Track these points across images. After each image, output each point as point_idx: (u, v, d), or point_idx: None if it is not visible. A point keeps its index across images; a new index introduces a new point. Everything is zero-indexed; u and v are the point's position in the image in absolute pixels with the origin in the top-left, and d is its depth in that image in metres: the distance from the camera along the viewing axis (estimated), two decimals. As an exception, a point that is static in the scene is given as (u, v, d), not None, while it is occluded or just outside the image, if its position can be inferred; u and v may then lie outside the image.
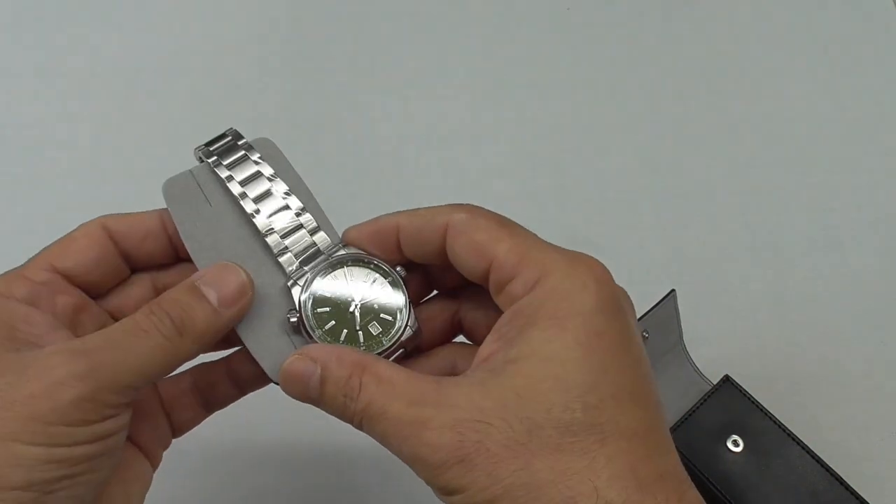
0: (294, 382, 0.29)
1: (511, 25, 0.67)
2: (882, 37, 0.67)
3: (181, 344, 0.28)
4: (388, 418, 0.27)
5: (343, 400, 0.28)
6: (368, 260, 0.32)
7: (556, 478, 0.25)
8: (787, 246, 0.57)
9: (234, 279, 0.30)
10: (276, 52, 0.65)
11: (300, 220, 0.33)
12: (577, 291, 0.27)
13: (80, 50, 0.64)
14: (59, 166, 0.58)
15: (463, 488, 0.25)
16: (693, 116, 0.63)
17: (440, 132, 0.61)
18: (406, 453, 0.27)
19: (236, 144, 0.34)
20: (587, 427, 0.25)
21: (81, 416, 0.26)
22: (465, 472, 0.25)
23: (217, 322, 0.29)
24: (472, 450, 0.25)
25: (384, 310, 0.31)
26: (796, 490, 0.44)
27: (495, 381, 0.27)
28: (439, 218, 0.30)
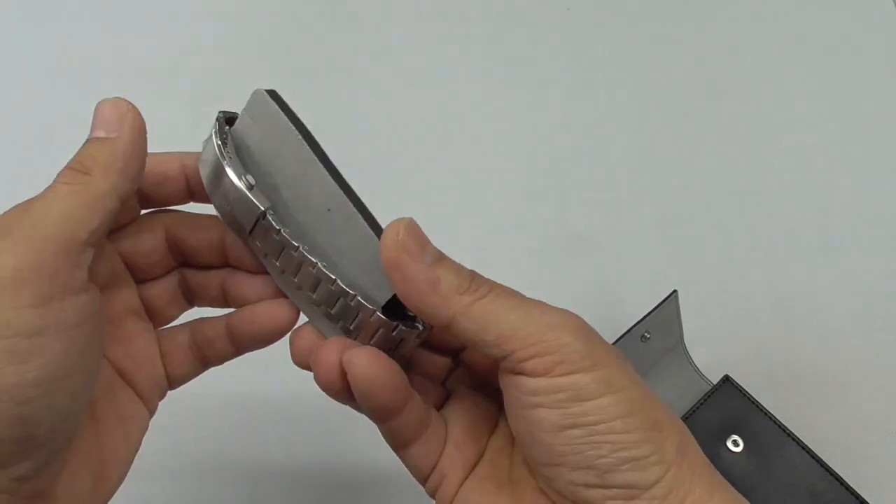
0: (417, 237, 0.28)
1: (511, 25, 0.67)
2: (882, 37, 0.67)
3: (91, 181, 0.28)
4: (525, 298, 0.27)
5: (469, 273, 0.28)
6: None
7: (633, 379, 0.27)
8: (787, 246, 0.57)
9: (107, 108, 0.32)
10: (276, 52, 0.65)
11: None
12: None
13: (81, 50, 0.64)
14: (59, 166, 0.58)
15: (609, 363, 0.26)
16: (693, 116, 0.63)
17: (440, 132, 0.61)
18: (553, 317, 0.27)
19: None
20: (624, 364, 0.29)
21: (34, 291, 0.25)
22: (606, 352, 0.27)
23: (115, 148, 0.30)
24: (595, 339, 0.27)
25: None
26: (796, 490, 0.44)
27: None
28: None
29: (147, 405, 0.32)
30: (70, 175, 0.29)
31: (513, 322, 0.26)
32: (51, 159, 0.59)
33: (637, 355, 0.47)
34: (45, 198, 0.28)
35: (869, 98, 0.64)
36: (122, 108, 0.31)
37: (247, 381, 0.50)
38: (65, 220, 0.27)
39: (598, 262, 0.55)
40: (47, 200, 0.28)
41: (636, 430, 0.25)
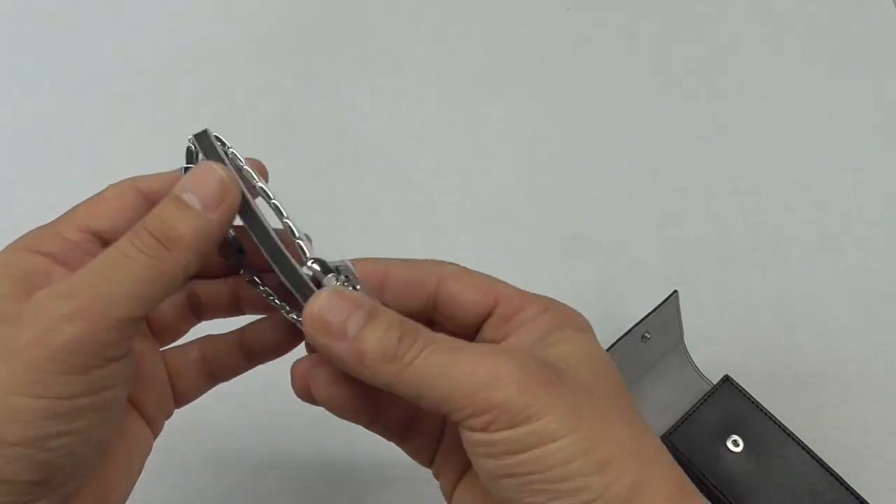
0: (341, 303, 0.27)
1: (511, 25, 0.67)
2: (882, 37, 0.67)
3: (170, 259, 0.27)
4: (458, 348, 0.27)
5: (398, 334, 0.26)
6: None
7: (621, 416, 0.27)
8: (787, 246, 0.57)
9: (212, 179, 0.28)
10: (276, 52, 0.65)
11: None
12: (577, 315, 0.31)
13: (80, 50, 0.64)
14: (59, 166, 0.58)
15: (547, 411, 0.25)
16: (693, 116, 0.63)
17: (440, 132, 0.61)
18: (482, 375, 0.26)
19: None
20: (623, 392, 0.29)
21: (78, 360, 0.25)
22: (550, 395, 0.26)
23: (204, 226, 0.27)
24: (554, 379, 0.27)
25: None
26: (796, 490, 0.44)
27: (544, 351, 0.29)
28: (433, 268, 0.31)
29: (152, 427, 0.32)
30: (150, 243, 0.27)
31: (445, 384, 0.26)
32: (51, 159, 0.59)
33: (637, 355, 0.47)
34: (120, 263, 0.26)
35: (869, 98, 0.64)
36: (226, 184, 0.29)
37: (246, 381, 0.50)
38: (132, 298, 0.26)
39: (598, 262, 0.55)
40: (121, 269, 0.26)
41: (575, 477, 0.25)
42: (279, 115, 0.61)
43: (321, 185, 0.58)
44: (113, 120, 0.60)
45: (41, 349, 0.25)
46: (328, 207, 0.57)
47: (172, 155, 0.61)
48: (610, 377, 0.28)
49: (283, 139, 0.60)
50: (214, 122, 0.64)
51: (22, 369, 0.25)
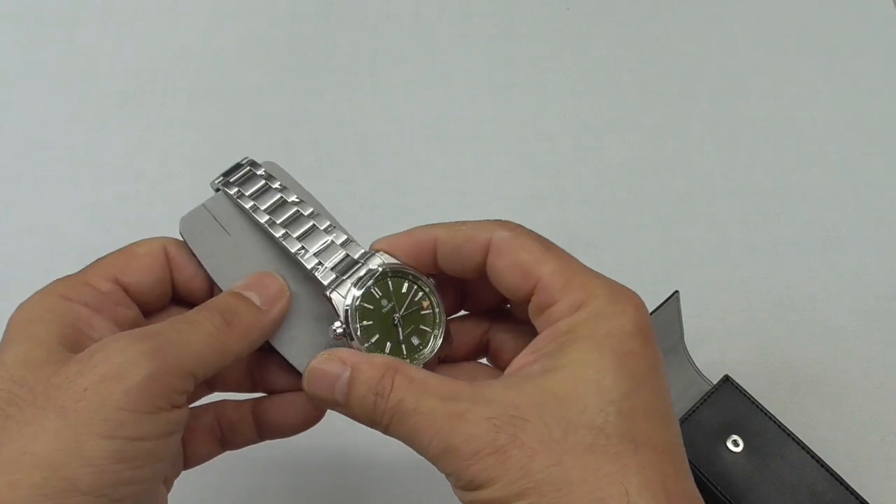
0: (320, 382, 0.29)
1: (511, 25, 0.67)
2: (882, 37, 0.67)
3: (231, 336, 0.29)
4: (421, 412, 0.27)
5: (373, 399, 0.28)
6: (405, 272, 0.32)
7: (587, 477, 0.25)
8: (787, 246, 0.57)
9: (271, 282, 0.32)
10: (276, 52, 0.65)
11: (330, 238, 0.33)
12: (618, 315, 0.28)
13: (81, 50, 0.64)
14: (60, 166, 0.58)
15: (493, 480, 0.26)
16: (693, 116, 0.63)
17: (440, 132, 0.61)
18: (437, 446, 0.27)
19: (255, 174, 0.34)
20: (620, 433, 0.26)
21: (151, 399, 0.26)
22: (499, 463, 0.26)
23: (262, 319, 0.31)
24: (507, 442, 0.26)
25: (423, 321, 0.32)
26: (796, 490, 0.44)
27: (531, 383, 0.27)
28: (481, 234, 0.31)
29: (165, 485, 0.32)
30: (218, 319, 0.30)
31: (415, 448, 0.28)
32: (51, 159, 0.59)
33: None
34: (192, 326, 0.29)
35: (869, 98, 0.64)
36: (283, 290, 0.32)
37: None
38: (197, 355, 0.28)
39: (598, 263, 0.55)
40: (193, 330, 0.29)
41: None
42: (279, 115, 0.61)
43: (321, 185, 0.58)
44: (112, 120, 0.60)
45: (118, 384, 0.26)
46: (328, 207, 0.57)
47: (172, 155, 0.61)
48: (604, 413, 0.26)
49: (283, 139, 0.60)
50: (214, 123, 0.65)
51: (97, 406, 0.25)
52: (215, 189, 0.35)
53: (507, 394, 0.27)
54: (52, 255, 0.54)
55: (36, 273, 0.53)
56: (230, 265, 0.33)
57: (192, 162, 0.58)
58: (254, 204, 0.33)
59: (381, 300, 0.31)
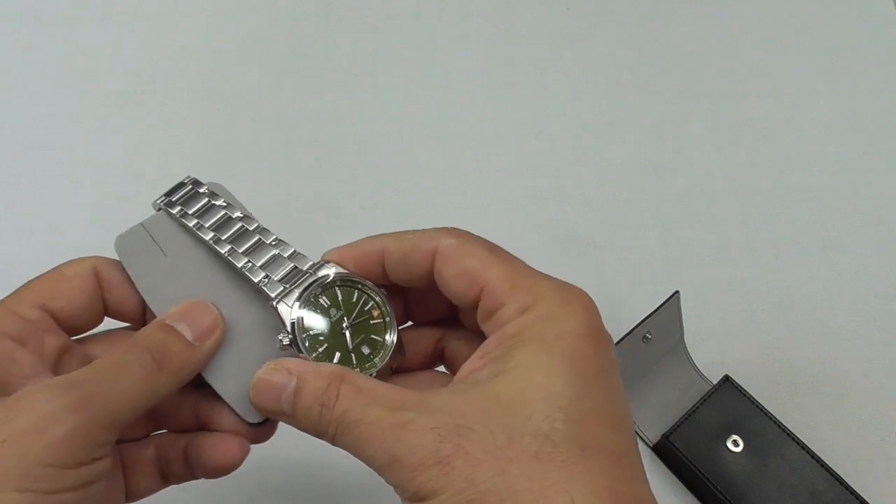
0: (266, 393, 0.29)
1: (511, 25, 0.67)
2: (882, 37, 0.67)
3: (160, 378, 0.28)
4: (366, 423, 0.27)
5: (319, 410, 0.28)
6: (355, 281, 0.32)
7: (532, 486, 0.25)
8: (787, 246, 0.57)
9: (204, 313, 0.31)
10: (276, 52, 0.64)
11: (277, 251, 0.32)
12: (566, 317, 0.28)
13: (81, 50, 0.64)
14: (60, 166, 0.58)
15: (438, 492, 0.25)
16: (693, 116, 0.63)
17: (440, 132, 0.61)
18: (381, 457, 0.26)
19: (198, 192, 0.34)
20: (568, 439, 0.25)
21: (72, 454, 0.25)
22: (443, 474, 0.25)
23: (193, 356, 0.30)
24: (451, 452, 0.25)
25: (373, 331, 0.31)
26: (796, 490, 0.44)
27: (478, 390, 0.27)
28: (427, 243, 0.31)
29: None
30: (148, 360, 0.29)
31: (361, 459, 0.27)
32: (51, 160, 0.59)
33: (638, 356, 0.47)
34: (121, 371, 0.28)
35: (869, 98, 0.64)
36: (217, 322, 0.31)
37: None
38: (124, 403, 0.27)
39: (598, 262, 0.55)
40: (121, 376, 0.28)
41: None
42: (279, 115, 0.61)
43: (321, 185, 0.58)
44: (112, 120, 0.60)
45: (40, 437, 0.25)
46: (328, 207, 0.57)
47: (172, 155, 0.61)
48: (551, 419, 0.26)
49: (283, 139, 0.60)
50: (214, 123, 0.65)
51: (17, 459, 0.24)
52: (157, 209, 0.34)
53: (453, 401, 0.27)
54: (52, 255, 0.54)
55: (36, 273, 0.54)
56: (165, 286, 0.32)
57: (192, 162, 0.58)
58: (197, 222, 0.33)
59: (330, 309, 0.31)
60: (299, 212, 0.56)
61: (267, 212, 0.56)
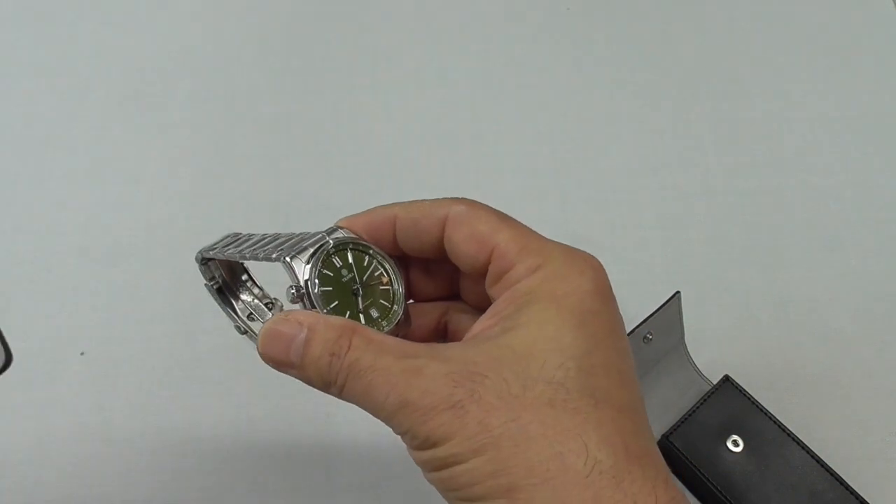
0: (276, 343, 0.28)
1: (511, 25, 0.67)
2: (882, 37, 0.67)
3: None
4: (377, 369, 0.27)
5: (328, 359, 0.27)
6: (366, 246, 0.32)
7: (546, 431, 0.25)
8: (787, 246, 0.57)
9: None
10: (276, 52, 0.65)
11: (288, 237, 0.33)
12: (576, 275, 0.28)
13: (80, 50, 0.64)
14: (60, 166, 0.58)
15: (450, 436, 0.25)
16: (693, 116, 0.63)
17: (440, 132, 0.61)
18: (392, 402, 0.26)
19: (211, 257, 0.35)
20: (580, 388, 0.26)
21: None
22: (456, 418, 0.25)
23: None
24: (464, 397, 0.25)
25: (383, 295, 0.32)
26: (796, 490, 0.44)
27: (490, 343, 0.27)
28: (438, 210, 0.31)
29: None
30: None
31: (369, 408, 0.27)
32: (51, 160, 0.59)
33: (638, 356, 0.47)
34: None
35: (869, 98, 0.64)
36: None
37: (245, 383, 0.50)
38: None
39: (598, 262, 0.55)
40: None
41: (483, 499, 0.25)
42: (279, 115, 0.61)
43: (321, 185, 0.58)
44: (112, 120, 0.60)
45: None
46: (328, 207, 0.57)
47: (172, 155, 0.61)
48: (564, 368, 0.26)
49: (284, 139, 0.60)
50: (213, 123, 0.64)
51: None
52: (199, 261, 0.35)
53: (465, 352, 0.27)
54: (52, 255, 0.54)
55: (36, 273, 0.54)
56: None
57: (192, 162, 0.58)
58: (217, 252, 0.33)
59: (342, 269, 0.31)
60: (299, 212, 0.56)
61: (267, 212, 0.57)
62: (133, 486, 0.46)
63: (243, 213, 0.56)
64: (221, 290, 0.35)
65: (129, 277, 0.53)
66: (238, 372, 0.50)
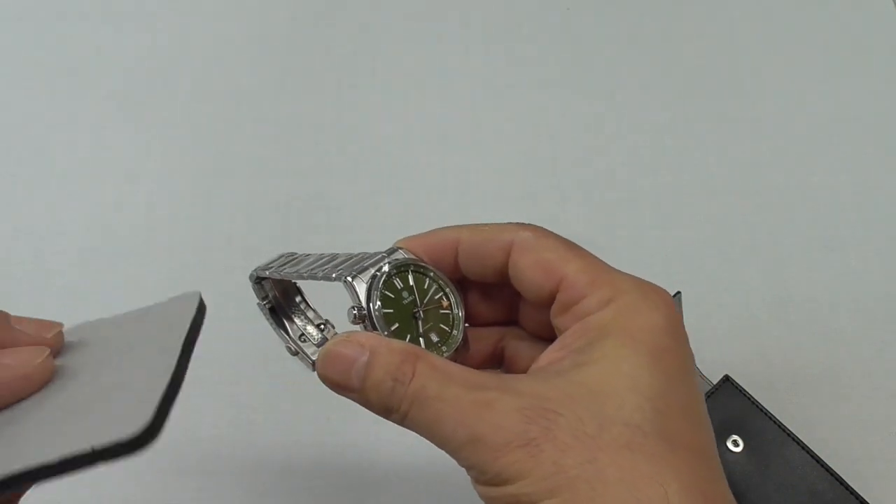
0: (336, 365, 0.28)
1: (511, 25, 0.67)
2: (882, 37, 0.67)
3: None
4: (445, 399, 0.26)
5: (391, 385, 0.26)
6: (427, 268, 0.31)
7: (623, 476, 0.24)
8: (787, 246, 0.57)
9: None
10: (276, 52, 0.65)
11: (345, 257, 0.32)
12: (649, 311, 0.28)
13: (80, 50, 0.64)
14: (60, 166, 0.58)
15: (523, 475, 0.24)
16: (693, 116, 0.63)
17: (440, 132, 0.61)
18: (461, 436, 0.25)
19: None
20: (657, 431, 0.25)
21: None
22: (530, 457, 0.24)
23: None
24: (538, 435, 0.24)
25: (443, 320, 0.31)
26: (796, 490, 0.44)
27: (562, 378, 0.26)
28: (504, 235, 0.30)
29: None
30: None
31: (434, 439, 0.26)
32: (51, 160, 0.59)
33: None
34: None
35: (869, 98, 0.64)
36: None
37: (245, 381, 0.50)
38: None
39: (598, 262, 0.55)
40: None
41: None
42: (279, 115, 0.61)
43: (321, 185, 0.58)
44: (112, 120, 0.60)
45: None
46: (328, 207, 0.57)
47: (172, 155, 0.61)
48: (641, 410, 0.25)
49: (284, 139, 0.60)
50: (214, 123, 0.64)
51: None
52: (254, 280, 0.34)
53: (536, 386, 0.26)
54: (52, 255, 0.54)
55: (35, 273, 0.54)
56: None
57: (192, 162, 0.58)
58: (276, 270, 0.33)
59: (402, 291, 0.30)
60: (299, 212, 0.56)
61: (267, 212, 0.57)
62: (132, 485, 0.46)
63: (243, 212, 0.56)
64: (274, 310, 0.35)
65: (128, 277, 0.53)
66: (238, 373, 0.50)
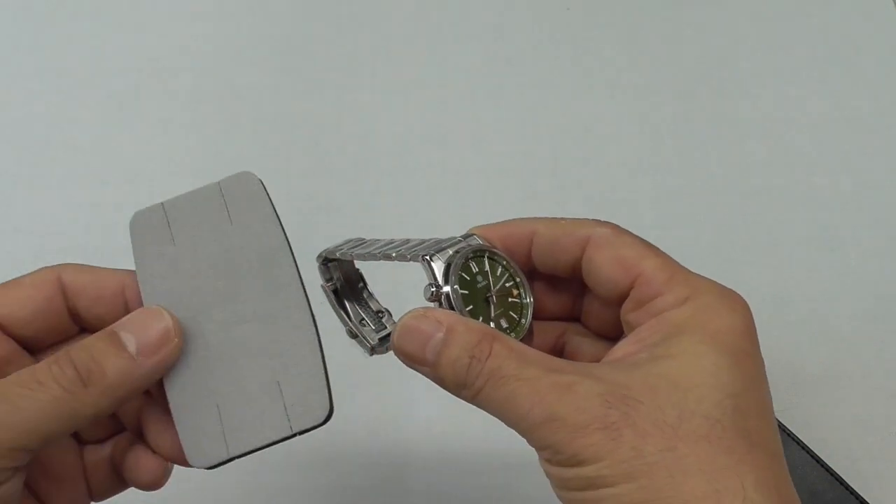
0: (413, 340, 0.27)
1: (511, 25, 0.67)
2: (882, 37, 0.67)
3: (85, 397, 0.25)
4: (523, 378, 0.26)
5: (468, 361, 0.26)
6: (501, 256, 0.31)
7: (703, 467, 0.24)
8: (787, 246, 0.57)
9: (157, 324, 0.27)
10: (276, 52, 0.65)
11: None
12: (728, 312, 0.28)
13: (80, 49, 0.64)
14: (60, 166, 0.58)
15: (601, 457, 0.24)
16: (693, 116, 0.63)
17: (440, 132, 0.61)
18: (538, 414, 0.25)
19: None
20: (735, 428, 0.25)
21: None
22: (609, 440, 0.24)
23: (133, 372, 0.26)
24: (619, 419, 0.25)
25: (512, 307, 0.31)
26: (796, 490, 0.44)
27: (641, 369, 0.26)
28: (580, 230, 0.30)
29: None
30: (70, 376, 0.25)
31: (508, 418, 0.26)
32: (51, 160, 0.59)
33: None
34: (31, 391, 0.25)
35: (869, 98, 0.64)
36: (168, 336, 0.27)
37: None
38: (29, 429, 0.25)
39: (598, 262, 0.55)
40: (30, 396, 0.25)
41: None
42: (279, 115, 0.61)
43: (321, 185, 0.58)
44: (112, 120, 0.60)
45: None
46: (328, 207, 0.57)
47: (172, 155, 0.61)
48: (721, 406, 0.25)
49: (284, 139, 0.60)
50: (214, 123, 0.64)
51: None
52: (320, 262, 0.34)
53: (615, 374, 0.26)
54: (52, 255, 0.54)
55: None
56: (163, 280, 0.29)
57: (192, 162, 0.58)
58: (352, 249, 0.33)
59: (477, 276, 0.30)
60: (299, 212, 0.56)
61: None
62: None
63: (243, 213, 0.56)
64: (337, 291, 0.35)
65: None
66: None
